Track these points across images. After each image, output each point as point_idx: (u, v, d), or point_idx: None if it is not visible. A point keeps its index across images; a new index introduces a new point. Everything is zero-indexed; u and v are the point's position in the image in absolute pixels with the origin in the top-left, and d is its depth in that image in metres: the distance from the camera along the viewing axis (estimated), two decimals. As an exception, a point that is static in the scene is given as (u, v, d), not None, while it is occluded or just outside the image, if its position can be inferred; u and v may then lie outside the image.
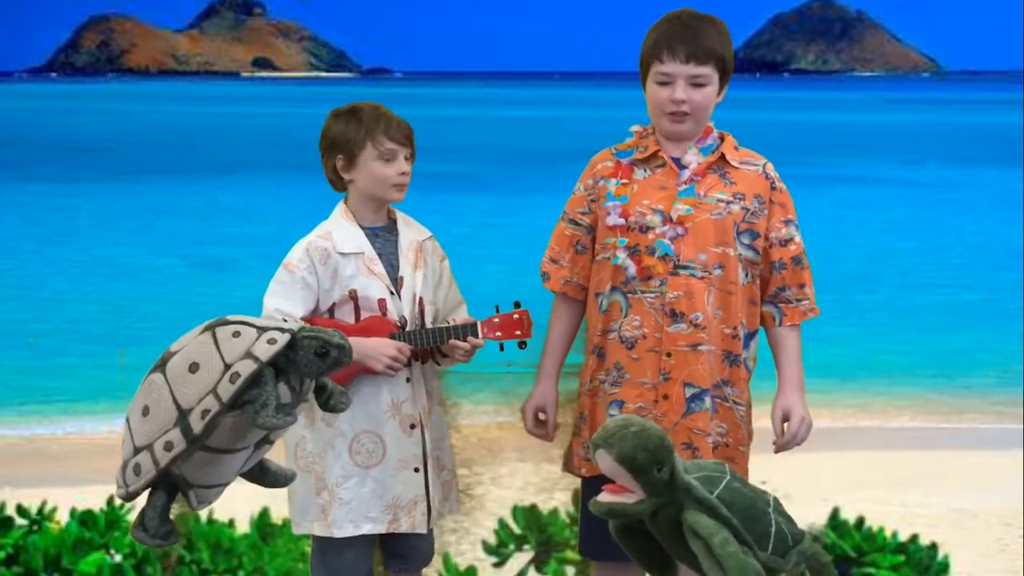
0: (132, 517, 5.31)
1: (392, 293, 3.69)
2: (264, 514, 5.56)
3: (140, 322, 17.43)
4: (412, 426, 3.71)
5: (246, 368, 2.89)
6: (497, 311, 3.73)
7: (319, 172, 3.78)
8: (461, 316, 3.80)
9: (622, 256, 3.60)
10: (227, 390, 2.89)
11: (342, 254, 3.68)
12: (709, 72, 3.59)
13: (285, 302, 3.63)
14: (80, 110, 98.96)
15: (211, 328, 2.98)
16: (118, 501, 5.41)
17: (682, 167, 3.64)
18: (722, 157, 3.66)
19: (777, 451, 3.70)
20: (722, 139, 3.70)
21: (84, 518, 5.45)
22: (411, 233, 3.80)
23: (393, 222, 3.81)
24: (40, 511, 5.53)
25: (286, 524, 5.58)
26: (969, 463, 10.06)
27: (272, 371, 2.92)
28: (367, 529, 3.69)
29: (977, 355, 15.40)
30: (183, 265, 23.02)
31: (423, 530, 3.76)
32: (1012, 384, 13.37)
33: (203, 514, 5.43)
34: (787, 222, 3.69)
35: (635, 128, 3.75)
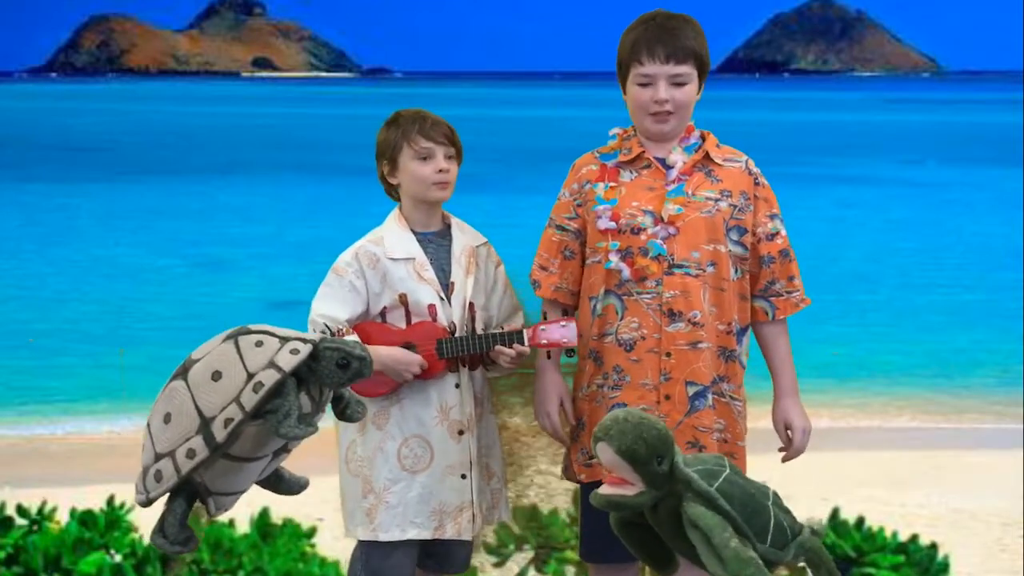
0: (133, 517, 5.35)
1: (442, 298, 3.68)
2: (264, 514, 5.56)
3: (140, 322, 17.45)
4: (460, 432, 3.69)
5: (269, 378, 2.89)
6: (544, 317, 3.70)
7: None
8: (517, 323, 3.77)
9: (615, 259, 3.59)
10: (250, 399, 2.89)
11: (392, 259, 3.68)
12: (688, 70, 3.60)
13: (330, 306, 3.63)
14: (80, 110, 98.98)
15: (233, 337, 2.98)
16: (118, 501, 5.41)
17: (668, 167, 3.64)
18: (706, 155, 3.67)
19: (784, 461, 3.74)
20: (703, 138, 3.70)
21: (84, 518, 5.44)
22: (465, 238, 3.79)
23: (447, 227, 3.80)
24: (40, 511, 5.53)
25: (286, 524, 5.58)
26: (969, 463, 10.06)
27: (294, 381, 2.92)
28: (413, 534, 3.68)
29: (977, 355, 15.41)
30: (183, 265, 23.03)
31: (468, 537, 3.74)
32: (1012, 384, 13.39)
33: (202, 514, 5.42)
34: (772, 216, 3.70)
35: (616, 130, 3.75)
